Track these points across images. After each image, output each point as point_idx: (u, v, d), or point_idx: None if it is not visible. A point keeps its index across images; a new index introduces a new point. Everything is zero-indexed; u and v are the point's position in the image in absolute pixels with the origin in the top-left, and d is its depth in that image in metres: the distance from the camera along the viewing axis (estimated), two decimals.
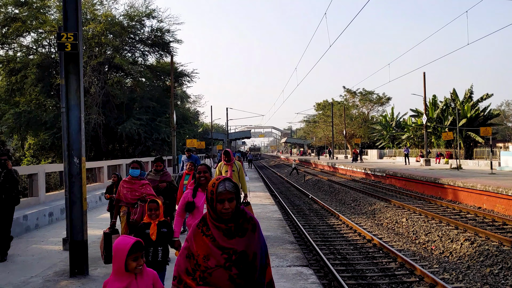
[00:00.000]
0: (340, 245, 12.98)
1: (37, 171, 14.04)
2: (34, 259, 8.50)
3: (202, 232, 2.77)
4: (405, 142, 56.60)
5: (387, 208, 18.45)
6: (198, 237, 2.76)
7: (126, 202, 6.77)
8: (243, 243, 2.73)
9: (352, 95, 71.68)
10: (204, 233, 2.76)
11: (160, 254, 5.03)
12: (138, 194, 6.74)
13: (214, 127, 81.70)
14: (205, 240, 2.73)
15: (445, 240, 12.66)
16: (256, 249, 2.79)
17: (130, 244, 2.86)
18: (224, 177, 2.79)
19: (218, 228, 2.73)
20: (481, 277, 9.51)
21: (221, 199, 2.70)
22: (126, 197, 6.74)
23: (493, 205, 17.52)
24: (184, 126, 39.53)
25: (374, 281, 9.41)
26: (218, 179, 2.77)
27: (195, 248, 2.74)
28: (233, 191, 2.73)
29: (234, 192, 2.74)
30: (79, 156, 7.18)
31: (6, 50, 31.00)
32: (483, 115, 46.03)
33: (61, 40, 7.00)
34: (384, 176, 30.96)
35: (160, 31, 33.99)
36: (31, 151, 34.79)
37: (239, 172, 9.54)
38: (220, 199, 2.70)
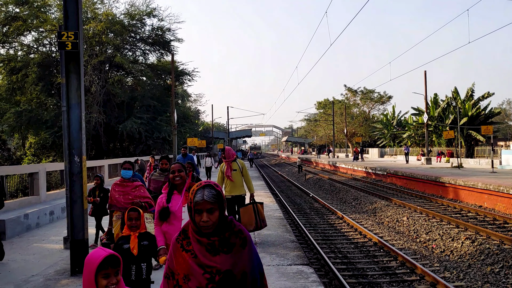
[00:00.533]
0: (341, 244, 12.98)
1: (38, 170, 14.06)
2: (35, 258, 8.50)
3: (182, 247, 2.41)
4: (406, 141, 56.57)
5: (388, 206, 18.44)
6: (178, 253, 2.40)
7: (119, 207, 6.39)
8: (228, 260, 2.34)
9: (353, 94, 71.64)
10: (184, 248, 2.39)
11: (144, 272, 4.43)
12: (131, 198, 6.36)
13: (215, 126, 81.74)
14: (185, 257, 2.36)
15: (446, 238, 12.65)
16: (245, 268, 2.38)
17: (100, 258, 2.32)
18: (206, 183, 2.39)
19: (199, 242, 2.35)
20: (482, 276, 9.50)
21: (198, 210, 2.32)
22: (119, 201, 6.40)
23: (494, 204, 17.50)
24: (185, 125, 39.57)
25: (374, 280, 9.41)
26: (199, 185, 2.38)
27: (175, 266, 2.39)
28: (213, 200, 2.31)
29: (215, 202, 2.32)
30: (80, 155, 7.18)
31: (7, 49, 31.06)
32: (484, 114, 45.98)
33: (61, 39, 7.00)
34: (385, 175, 30.94)
35: (161, 30, 34.03)
36: (32, 150, 34.85)
37: (242, 171, 8.96)
38: (197, 209, 2.32)
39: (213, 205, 2.31)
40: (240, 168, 8.95)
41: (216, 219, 2.33)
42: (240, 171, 8.92)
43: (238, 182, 8.84)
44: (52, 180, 17.05)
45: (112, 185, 6.51)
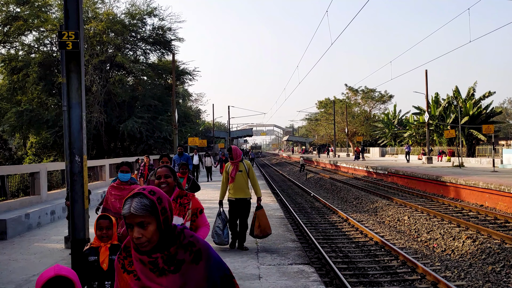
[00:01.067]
0: (342, 243, 12.98)
1: (39, 169, 14.07)
2: (36, 257, 8.51)
3: (123, 268, 2.05)
4: (407, 140, 56.53)
5: (389, 206, 18.44)
6: (120, 276, 2.07)
7: (114, 212, 6.02)
8: (177, 282, 1.96)
9: (354, 93, 71.60)
10: (126, 269, 2.04)
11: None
12: None
13: (216, 125, 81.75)
14: (127, 279, 2.02)
15: (447, 238, 12.65)
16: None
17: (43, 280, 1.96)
18: (138, 191, 2.01)
19: (141, 261, 1.99)
20: (483, 275, 9.49)
21: (128, 224, 1.96)
22: (114, 206, 5.98)
23: (495, 203, 17.49)
24: (186, 125, 39.59)
25: (375, 279, 9.40)
26: (130, 194, 2.02)
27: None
28: (143, 213, 1.92)
29: (146, 214, 1.93)
30: (81, 155, 7.18)
31: (8, 49, 31.10)
32: (486, 113, 45.95)
33: (62, 38, 6.99)
34: (386, 174, 30.93)
35: (162, 30, 34.05)
36: (33, 150, 34.92)
37: (248, 172, 8.49)
38: (127, 223, 1.96)
39: (144, 218, 1.92)
40: (247, 170, 8.50)
41: (151, 235, 1.93)
42: (246, 173, 8.48)
43: (242, 184, 8.44)
44: (53, 180, 17.07)
45: (109, 187, 6.05)
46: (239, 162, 8.52)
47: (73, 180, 7.21)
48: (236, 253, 8.46)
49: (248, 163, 8.63)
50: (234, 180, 8.37)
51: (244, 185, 8.45)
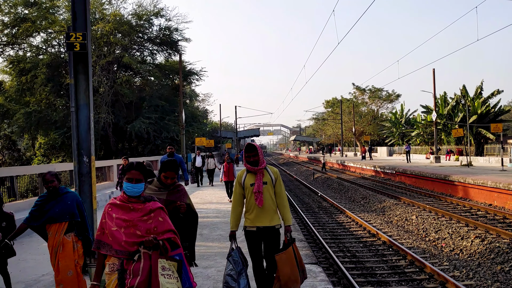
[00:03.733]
0: (350, 243, 12.96)
1: (47, 170, 14.16)
2: (45, 257, 8.57)
3: None
4: (414, 139, 56.30)
5: (396, 205, 18.38)
6: None
7: (118, 250, 3.57)
8: None
9: (361, 92, 71.37)
10: None
11: None
12: (140, 233, 3.59)
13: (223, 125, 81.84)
14: None
15: (455, 237, 12.59)
16: None
17: None
18: None
19: None
20: (491, 275, 9.44)
21: None
22: (118, 238, 3.58)
23: (504, 202, 17.38)
24: (193, 125, 39.65)
25: (383, 279, 9.38)
26: None
27: None
28: None
29: None
30: (89, 155, 7.23)
31: (16, 50, 31.29)
32: (494, 112, 45.64)
33: (70, 40, 7.04)
34: (393, 174, 30.83)
35: (168, 30, 34.12)
36: (42, 151, 35.13)
37: (275, 184, 5.27)
38: None
39: None
40: (273, 180, 5.28)
41: None
42: (273, 185, 5.27)
43: (269, 204, 5.18)
44: (61, 180, 17.18)
45: (107, 206, 3.76)
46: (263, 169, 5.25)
47: (81, 180, 7.27)
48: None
49: (275, 171, 5.37)
50: (262, 200, 5.11)
51: (271, 206, 5.21)
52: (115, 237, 3.58)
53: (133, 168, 3.73)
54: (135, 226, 3.57)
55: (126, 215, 3.62)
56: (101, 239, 3.65)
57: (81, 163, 7.24)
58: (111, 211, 3.68)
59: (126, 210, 3.65)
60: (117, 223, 3.61)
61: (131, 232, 3.55)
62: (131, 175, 3.68)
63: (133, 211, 3.65)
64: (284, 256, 5.05)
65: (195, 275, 6.68)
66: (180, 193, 4.90)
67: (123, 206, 3.68)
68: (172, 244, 3.69)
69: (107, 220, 3.66)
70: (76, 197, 5.52)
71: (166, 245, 3.63)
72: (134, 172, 3.71)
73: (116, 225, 3.60)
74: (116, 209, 3.69)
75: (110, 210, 3.70)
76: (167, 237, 3.63)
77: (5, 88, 31.66)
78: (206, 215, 13.07)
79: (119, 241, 3.56)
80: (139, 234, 3.56)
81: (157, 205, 3.71)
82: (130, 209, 3.65)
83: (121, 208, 3.67)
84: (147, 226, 3.59)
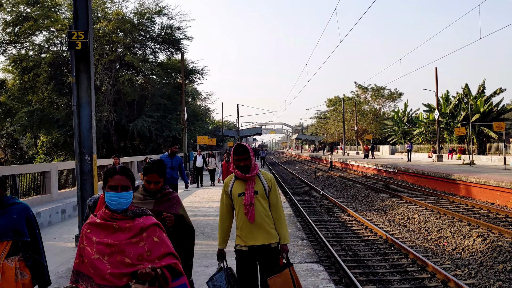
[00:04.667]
0: (351, 242, 12.95)
1: (49, 168, 14.19)
2: (47, 256, 8.52)
3: None
4: (417, 138, 56.22)
5: (398, 204, 18.36)
6: None
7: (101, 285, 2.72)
8: None
9: (364, 91, 71.27)
10: None
11: None
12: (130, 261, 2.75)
13: (225, 124, 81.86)
14: None
15: (457, 236, 12.57)
16: None
17: None
18: None
19: None
20: (494, 274, 9.42)
21: None
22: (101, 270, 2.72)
23: (507, 201, 17.34)
24: (195, 123, 39.70)
25: (385, 278, 9.37)
26: None
27: None
28: None
29: None
30: (90, 154, 7.24)
31: (18, 49, 31.37)
32: (496, 110, 45.51)
33: (71, 38, 7.05)
34: (395, 172, 30.79)
35: (171, 28, 34.15)
36: (44, 149, 35.23)
37: (269, 194, 4.32)
38: None
39: None
40: (267, 189, 4.30)
41: None
42: (266, 194, 4.30)
43: (264, 219, 4.22)
44: (63, 179, 17.21)
45: (84, 227, 2.87)
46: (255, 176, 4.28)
47: (83, 179, 7.28)
48: None
49: (270, 177, 4.39)
50: (253, 213, 4.16)
51: (266, 220, 4.24)
52: (97, 268, 2.68)
53: (116, 172, 2.83)
54: (122, 251, 2.70)
55: (110, 237, 2.72)
56: (80, 269, 2.75)
57: (83, 161, 7.25)
58: (90, 233, 2.76)
59: (110, 230, 2.75)
60: (99, 249, 2.70)
61: (118, 261, 2.69)
62: (115, 182, 2.80)
63: (119, 231, 2.74)
64: (279, 280, 4.07)
65: (197, 273, 6.69)
66: (171, 202, 4.02)
67: (105, 225, 2.76)
68: (172, 272, 2.81)
69: (85, 245, 2.74)
70: (27, 211, 4.12)
71: (166, 274, 2.74)
72: (119, 178, 2.81)
73: (98, 252, 2.70)
74: (96, 230, 2.76)
75: (89, 232, 2.77)
76: (166, 264, 2.76)
77: (8, 87, 31.74)
78: (208, 213, 13.07)
79: (102, 274, 2.67)
80: (128, 262, 2.69)
81: (150, 221, 2.81)
82: (115, 229, 2.74)
83: (102, 228, 2.75)
84: (138, 250, 2.72)
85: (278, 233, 4.30)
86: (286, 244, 4.31)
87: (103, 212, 2.83)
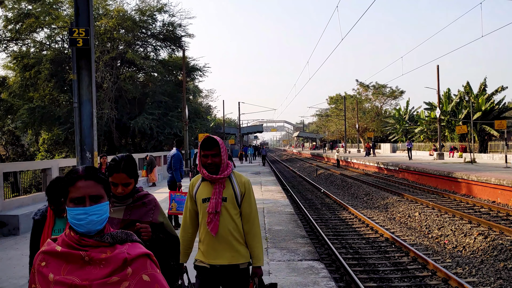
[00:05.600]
0: (352, 239, 12.95)
1: (50, 165, 14.20)
2: None
3: None
4: (418, 136, 56.19)
5: (399, 202, 18.35)
6: None
7: None
8: None
9: (365, 89, 71.20)
10: None
11: None
12: None
13: (226, 121, 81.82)
14: None
15: (458, 234, 12.56)
16: None
17: None
18: None
19: None
20: (494, 272, 9.42)
21: None
22: None
23: (508, 199, 17.32)
24: (196, 121, 39.69)
25: (386, 275, 9.38)
26: None
27: None
28: None
29: None
30: (91, 151, 7.25)
31: (20, 46, 31.38)
32: (498, 108, 45.46)
33: (72, 36, 7.05)
34: (397, 170, 30.78)
35: (172, 26, 34.12)
36: (45, 146, 35.30)
37: (241, 201, 3.46)
38: None
39: None
40: (238, 196, 3.45)
41: None
42: (237, 202, 3.45)
43: (231, 233, 3.40)
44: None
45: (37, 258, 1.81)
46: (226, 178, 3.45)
47: None
48: None
49: (244, 181, 3.53)
50: (217, 224, 3.35)
51: (234, 234, 3.41)
52: None
53: (80, 176, 1.84)
54: None
55: (76, 274, 1.75)
56: None
57: (83, 158, 7.26)
58: (45, 268, 1.77)
59: (77, 263, 1.77)
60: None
61: None
62: (79, 191, 1.82)
63: (90, 265, 1.77)
64: None
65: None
66: (146, 207, 3.05)
67: (69, 256, 1.78)
68: None
69: (37, 286, 1.77)
70: None
71: None
72: (84, 185, 1.83)
73: None
74: (55, 263, 1.78)
75: (44, 265, 1.78)
76: None
77: (9, 84, 31.77)
78: None
79: None
80: None
81: (138, 250, 1.85)
82: (85, 262, 1.77)
83: (65, 260, 1.78)
84: None
85: (250, 251, 3.44)
86: (259, 267, 3.42)
87: (67, 235, 1.82)
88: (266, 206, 14.40)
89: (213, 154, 3.34)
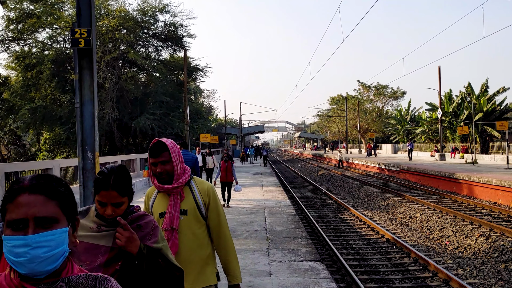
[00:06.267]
0: (353, 240, 12.95)
1: (52, 165, 14.22)
2: None
3: None
4: (419, 137, 56.15)
5: (401, 203, 18.34)
6: None
7: None
8: None
9: (367, 89, 71.18)
10: None
11: None
12: None
13: (228, 121, 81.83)
14: None
15: (459, 235, 12.55)
16: None
17: None
18: None
19: None
20: (495, 273, 9.41)
21: None
22: None
23: (509, 201, 17.30)
24: (198, 121, 39.71)
25: (387, 276, 9.37)
26: None
27: None
28: None
29: None
30: (93, 151, 7.24)
31: (21, 46, 31.42)
32: (500, 109, 45.38)
33: (74, 36, 7.05)
34: (398, 171, 30.76)
35: (173, 26, 34.15)
36: (47, 146, 35.33)
37: (207, 212, 2.93)
38: None
39: None
40: (201, 206, 2.91)
41: None
42: (202, 214, 2.92)
43: (194, 252, 2.88)
44: (66, 176, 17.26)
45: None
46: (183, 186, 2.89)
47: (85, 176, 7.28)
48: (246, 250, 8.48)
49: (207, 187, 2.98)
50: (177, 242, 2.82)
51: (198, 253, 2.90)
52: None
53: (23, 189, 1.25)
54: None
55: None
56: None
57: (85, 158, 7.26)
58: None
59: None
60: None
61: None
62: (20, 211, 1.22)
63: None
64: None
65: None
66: (142, 231, 2.20)
67: None
68: None
69: None
70: None
71: None
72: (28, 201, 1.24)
73: None
74: None
75: None
76: None
77: (11, 84, 31.84)
78: None
79: None
80: None
81: None
82: None
83: None
84: None
85: (224, 268, 3.00)
86: (237, 285, 2.98)
87: (6, 278, 1.26)
88: (267, 206, 14.41)
89: (162, 161, 2.76)
